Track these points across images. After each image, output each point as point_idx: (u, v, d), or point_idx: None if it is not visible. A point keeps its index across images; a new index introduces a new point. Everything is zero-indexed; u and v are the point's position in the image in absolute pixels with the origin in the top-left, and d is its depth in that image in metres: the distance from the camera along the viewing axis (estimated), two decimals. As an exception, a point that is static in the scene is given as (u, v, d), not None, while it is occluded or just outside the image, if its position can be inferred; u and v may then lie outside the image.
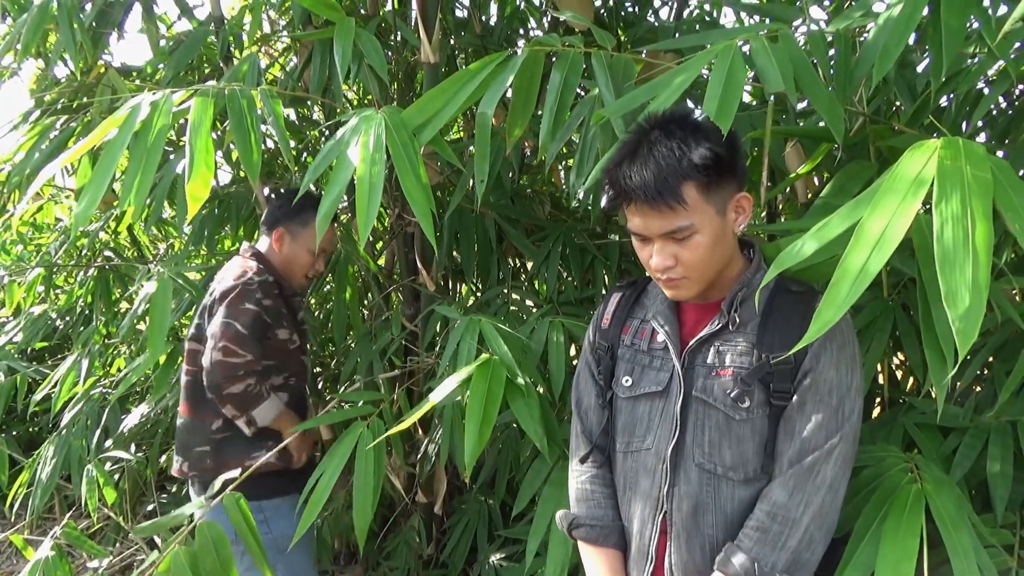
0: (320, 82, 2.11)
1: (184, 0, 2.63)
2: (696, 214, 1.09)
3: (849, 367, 1.10)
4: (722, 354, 1.16)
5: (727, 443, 1.14)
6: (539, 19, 2.84)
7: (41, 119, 2.57)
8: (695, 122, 1.12)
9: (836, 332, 1.10)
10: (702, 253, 1.12)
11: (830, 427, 1.08)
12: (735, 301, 1.16)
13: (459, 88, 1.36)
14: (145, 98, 1.46)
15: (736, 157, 1.13)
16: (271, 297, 1.96)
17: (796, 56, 1.23)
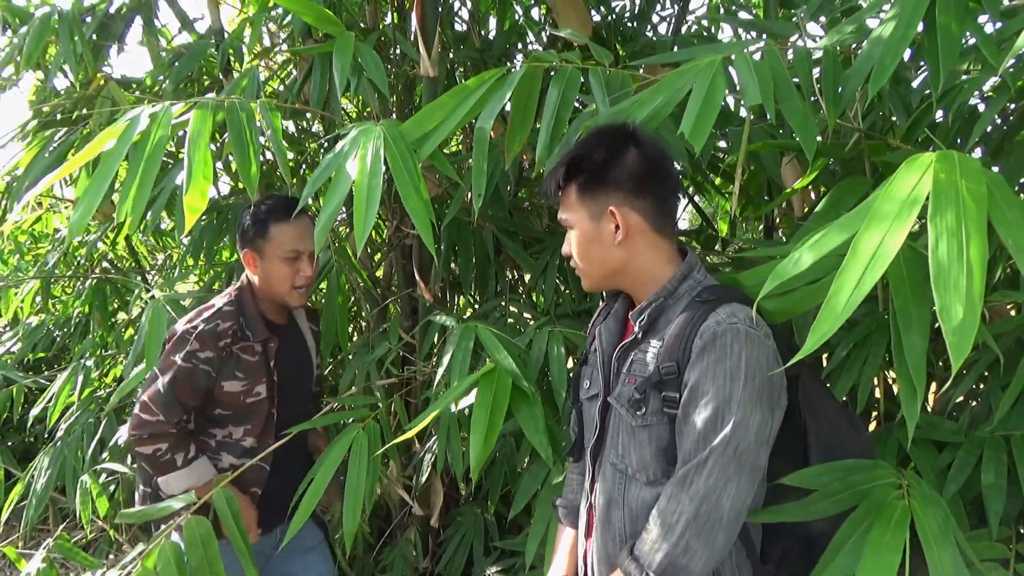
0: (320, 96, 2.12)
1: (184, 13, 2.65)
2: (571, 212, 1.23)
3: (728, 378, 1.07)
4: (634, 364, 1.21)
5: (633, 446, 1.20)
6: (537, 33, 2.87)
7: (40, 131, 2.58)
8: (628, 130, 1.20)
9: (716, 344, 1.09)
10: (577, 250, 1.24)
11: (705, 439, 1.08)
12: (645, 311, 1.21)
13: (458, 103, 1.37)
14: (144, 110, 1.47)
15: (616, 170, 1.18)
16: (214, 348, 1.75)
17: (778, 72, 1.26)
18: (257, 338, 1.81)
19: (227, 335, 1.77)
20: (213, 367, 1.77)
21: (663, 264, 1.23)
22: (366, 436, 1.63)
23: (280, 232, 1.78)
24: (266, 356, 1.83)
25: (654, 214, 1.20)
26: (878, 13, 1.41)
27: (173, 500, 1.54)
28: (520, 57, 2.83)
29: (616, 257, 1.22)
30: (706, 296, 1.16)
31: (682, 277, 1.21)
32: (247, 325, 1.81)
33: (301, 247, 1.80)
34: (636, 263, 1.22)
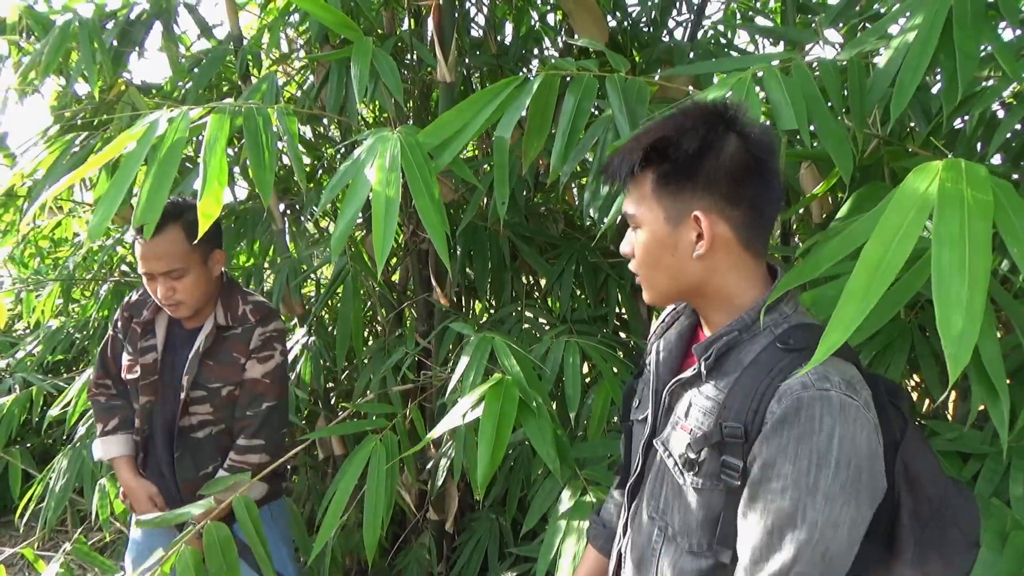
0: (337, 101, 2.13)
1: (204, 19, 2.67)
2: (642, 207, 0.98)
3: (814, 463, 0.84)
4: (692, 408, 0.99)
5: (678, 506, 1.00)
6: (554, 39, 2.87)
7: (61, 136, 2.61)
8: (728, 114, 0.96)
9: (799, 415, 0.86)
10: (643, 254, 1.00)
11: (779, 540, 0.86)
12: (713, 346, 0.98)
13: (476, 111, 1.37)
14: (163, 114, 1.49)
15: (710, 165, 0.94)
16: (122, 317, 1.93)
17: (808, 90, 1.22)
18: (144, 318, 1.88)
19: (127, 307, 1.93)
20: (122, 335, 1.92)
21: (747, 287, 0.99)
22: (384, 448, 1.62)
23: (137, 251, 1.75)
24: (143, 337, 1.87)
25: (747, 226, 0.96)
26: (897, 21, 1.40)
27: (192, 506, 1.54)
28: (536, 63, 2.84)
29: (691, 272, 0.98)
30: (793, 341, 0.93)
31: (766, 309, 0.96)
32: (151, 304, 1.86)
33: (145, 268, 1.74)
34: (714, 283, 0.98)
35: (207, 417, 1.87)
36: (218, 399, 1.86)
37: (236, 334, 1.86)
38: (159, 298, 1.74)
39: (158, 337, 1.88)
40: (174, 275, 1.73)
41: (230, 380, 1.86)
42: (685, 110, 0.98)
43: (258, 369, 1.88)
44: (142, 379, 1.86)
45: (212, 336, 1.84)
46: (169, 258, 1.70)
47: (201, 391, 1.85)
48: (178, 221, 1.70)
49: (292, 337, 2.69)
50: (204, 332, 1.84)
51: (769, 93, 1.22)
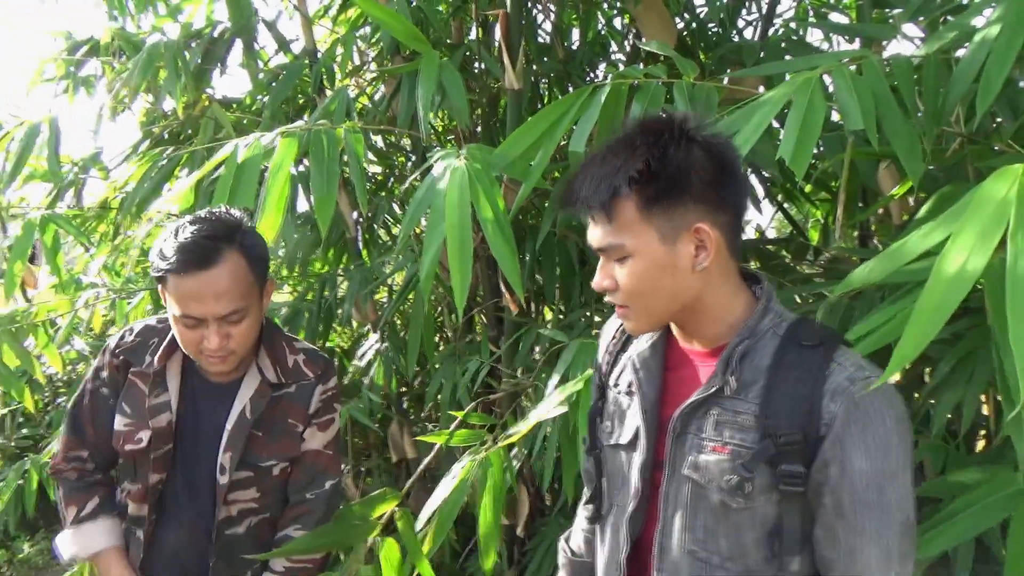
0: (408, 113, 2.18)
1: (282, 35, 2.77)
2: (629, 234, 0.95)
3: (881, 448, 0.90)
4: (720, 425, 0.97)
5: (723, 530, 0.97)
6: (621, 42, 2.86)
7: (150, 150, 2.75)
8: (682, 129, 0.96)
9: (859, 408, 0.90)
10: (637, 283, 0.97)
11: (881, 530, 0.91)
12: (732, 358, 0.96)
13: (548, 124, 1.38)
14: (241, 142, 1.57)
15: (695, 176, 0.94)
16: (111, 365, 1.43)
17: (879, 89, 1.18)
18: (151, 366, 1.39)
19: (126, 350, 1.41)
20: (112, 390, 1.43)
21: (735, 293, 1.01)
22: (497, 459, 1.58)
23: (177, 288, 1.27)
24: (153, 394, 1.39)
25: (733, 230, 0.99)
26: (981, 13, 1.35)
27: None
28: (603, 66, 2.83)
29: (691, 287, 0.97)
30: (803, 337, 0.96)
31: (763, 311, 0.99)
32: (155, 348, 1.40)
33: (200, 312, 1.27)
34: (710, 294, 0.99)
35: (250, 505, 1.43)
36: (268, 480, 1.43)
37: (290, 394, 1.43)
38: (209, 350, 1.29)
39: (171, 391, 1.40)
40: (234, 318, 1.28)
41: (285, 455, 1.44)
42: (640, 128, 0.98)
43: (319, 438, 1.46)
44: (153, 449, 1.38)
45: (262, 397, 1.41)
46: (231, 296, 1.26)
47: (247, 471, 1.40)
48: (234, 245, 1.28)
49: (365, 343, 2.76)
50: (249, 391, 1.40)
51: (837, 92, 1.19)
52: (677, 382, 1.05)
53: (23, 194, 3.13)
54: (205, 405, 1.42)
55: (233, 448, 1.39)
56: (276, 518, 1.47)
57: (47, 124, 2.43)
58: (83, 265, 3.50)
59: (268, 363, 1.42)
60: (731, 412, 0.96)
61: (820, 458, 0.91)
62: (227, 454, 1.39)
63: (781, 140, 1.19)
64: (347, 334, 3.40)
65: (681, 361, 1.06)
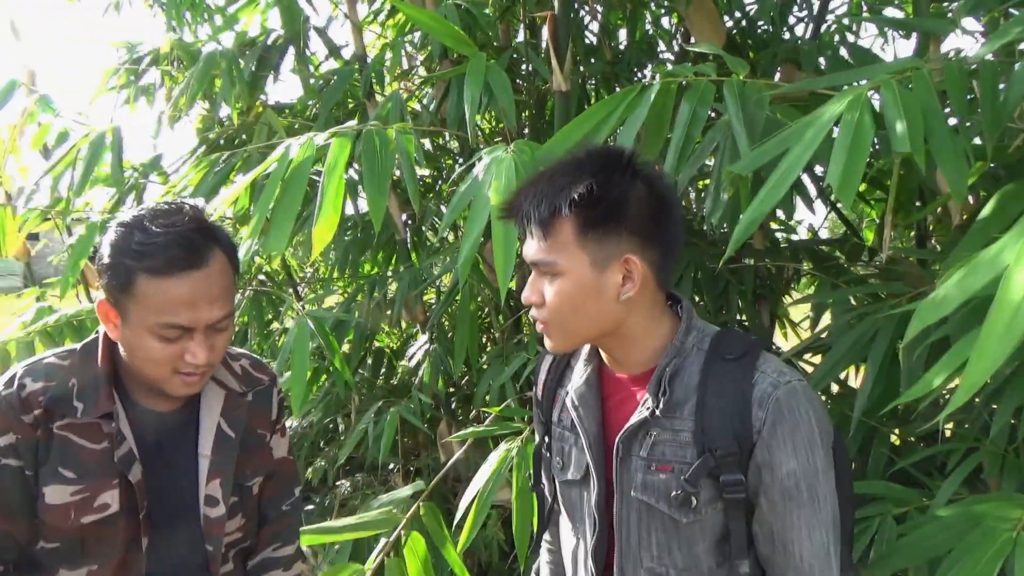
0: (456, 116, 2.20)
1: (332, 41, 2.83)
2: (563, 254, 0.97)
3: (807, 448, 0.96)
4: (659, 445, 1.01)
5: (676, 544, 1.02)
6: (668, 42, 2.84)
7: (206, 156, 2.84)
8: (629, 162, 0.99)
9: (783, 413, 0.96)
10: (561, 302, 0.99)
11: (813, 524, 0.97)
12: (663, 380, 1.00)
13: (595, 123, 1.38)
14: (295, 142, 1.61)
15: (634, 209, 0.97)
16: (19, 427, 1.06)
17: (928, 105, 1.15)
18: (90, 412, 1.09)
19: (38, 404, 1.07)
20: (25, 460, 1.07)
21: (658, 319, 1.05)
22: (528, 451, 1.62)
23: (160, 292, 1.03)
24: (112, 445, 1.10)
25: (661, 266, 1.02)
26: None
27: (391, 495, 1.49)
28: (651, 66, 2.82)
29: (614, 314, 1.00)
30: (723, 350, 1.01)
31: (686, 329, 1.04)
32: (79, 390, 1.10)
33: (190, 319, 1.05)
34: (631, 322, 1.02)
35: (236, 535, 1.24)
36: (250, 502, 1.26)
37: (249, 402, 1.24)
38: (194, 366, 1.07)
39: (128, 436, 1.12)
40: (222, 325, 1.09)
41: (264, 468, 1.28)
42: (589, 154, 1.01)
43: (283, 444, 1.33)
44: (124, 514, 1.11)
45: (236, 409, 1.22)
46: (224, 299, 1.09)
47: (235, 496, 1.22)
48: (217, 240, 1.09)
49: (414, 343, 2.79)
50: (216, 407, 1.20)
51: (884, 110, 1.15)
52: (615, 408, 1.08)
53: (87, 199, 3.25)
54: (164, 441, 1.17)
55: (222, 473, 1.18)
56: (252, 546, 1.29)
57: (110, 132, 2.52)
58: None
59: (224, 372, 1.22)
60: (669, 431, 1.00)
61: (753, 463, 0.97)
62: (214, 482, 1.17)
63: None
64: (396, 335, 3.44)
65: (616, 388, 1.09)
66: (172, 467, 1.17)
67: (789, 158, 1.17)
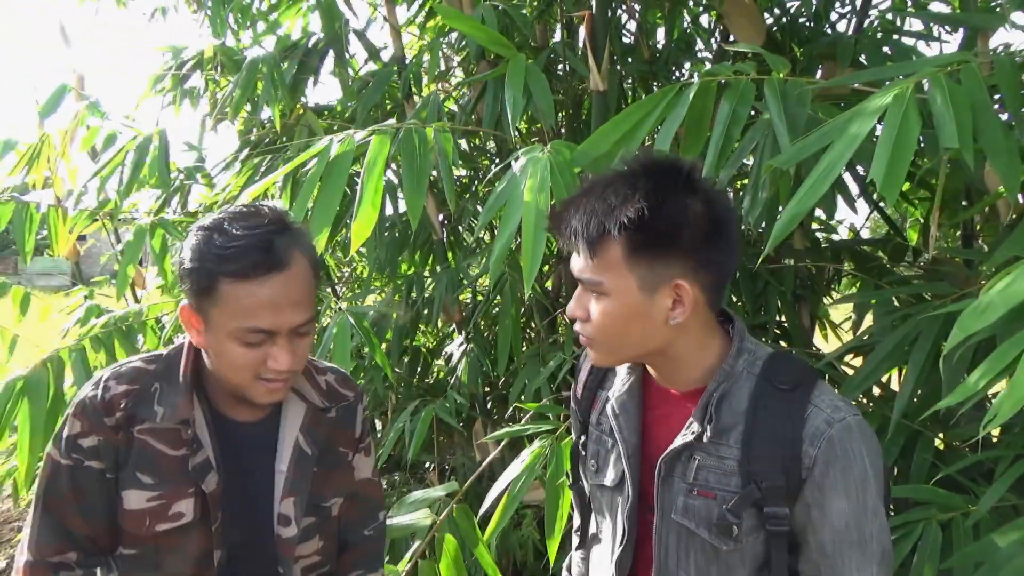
0: (493, 116, 2.21)
1: (372, 44, 2.86)
2: (610, 275, 0.95)
3: (859, 487, 0.93)
4: (703, 470, 0.98)
5: (715, 570, 1.00)
6: (707, 40, 2.81)
7: (249, 158, 2.89)
8: (687, 178, 0.95)
9: (836, 451, 0.93)
10: (607, 322, 0.96)
11: (863, 566, 0.93)
12: (710, 405, 0.97)
13: (634, 123, 1.37)
14: (334, 138, 1.63)
15: (687, 232, 0.93)
16: (102, 429, 1.07)
17: (978, 98, 1.11)
18: (170, 417, 1.08)
19: (120, 407, 1.07)
20: (107, 462, 1.07)
21: (708, 340, 1.01)
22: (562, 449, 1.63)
23: (244, 295, 1.02)
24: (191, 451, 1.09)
25: (714, 288, 0.98)
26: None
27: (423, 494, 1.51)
28: (689, 65, 2.79)
29: (661, 338, 0.98)
30: (776, 377, 0.97)
31: (737, 352, 1.00)
32: (161, 395, 1.09)
33: (273, 323, 1.03)
34: (681, 344, 0.99)
35: (314, 559, 1.20)
36: (329, 525, 1.21)
37: (334, 419, 1.21)
38: (277, 371, 1.05)
39: (205, 444, 1.11)
40: (304, 330, 1.07)
41: (344, 490, 1.24)
42: (644, 168, 0.96)
43: (367, 464, 1.28)
44: (202, 523, 1.09)
45: (317, 425, 1.18)
46: (307, 303, 1.07)
47: (311, 516, 1.17)
48: (299, 243, 1.07)
49: (451, 343, 2.81)
50: (296, 421, 1.16)
51: (932, 106, 1.12)
52: (657, 421, 1.05)
53: (133, 200, 3.34)
54: (243, 452, 1.15)
55: (297, 491, 1.14)
56: (332, 572, 1.24)
57: (157, 136, 2.58)
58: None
59: (307, 386, 1.19)
60: (714, 457, 0.98)
61: (802, 500, 0.94)
62: (288, 500, 1.14)
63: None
64: (432, 334, 3.46)
65: (659, 400, 1.06)
66: (249, 481, 1.14)
67: (831, 154, 1.15)
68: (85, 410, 1.08)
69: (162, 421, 1.08)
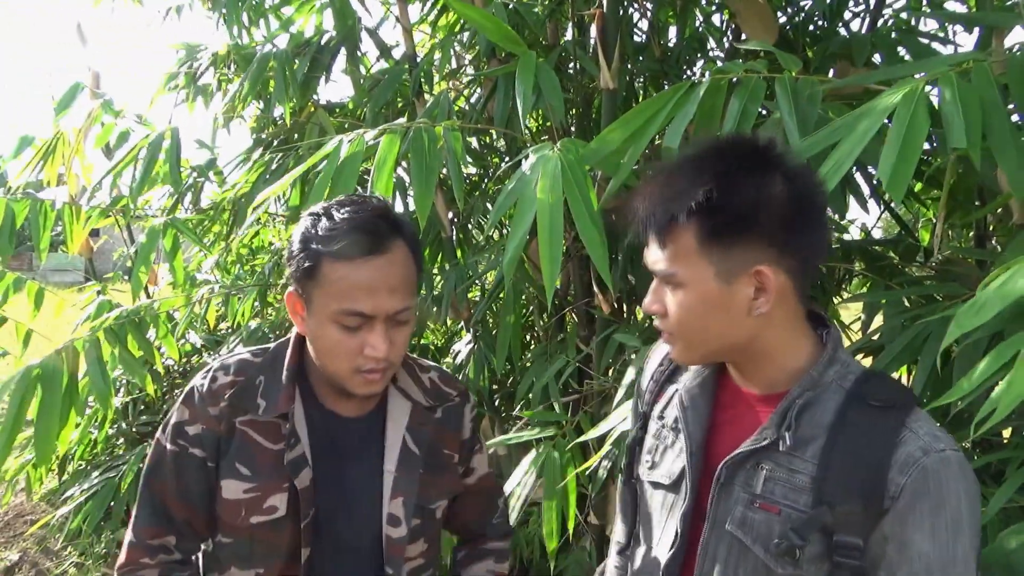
0: (504, 114, 2.21)
1: (383, 42, 2.87)
2: (683, 265, 0.88)
3: (950, 532, 0.81)
4: (772, 482, 0.89)
5: None
6: (719, 39, 2.80)
7: (261, 155, 2.90)
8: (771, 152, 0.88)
9: (929, 484, 0.81)
10: (685, 315, 0.90)
11: None
12: (791, 412, 0.88)
13: (643, 121, 1.37)
14: (345, 138, 1.64)
15: (766, 213, 0.85)
16: (206, 418, 1.09)
17: (988, 99, 1.10)
18: (270, 411, 1.10)
19: (225, 397, 1.10)
20: (208, 451, 1.10)
21: (798, 339, 0.93)
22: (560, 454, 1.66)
23: (342, 277, 1.03)
24: (287, 445, 1.09)
25: (802, 275, 0.91)
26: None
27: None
28: (701, 64, 2.79)
29: (745, 330, 0.90)
30: (872, 395, 0.88)
31: (829, 361, 0.91)
32: (265, 388, 1.11)
33: (371, 307, 1.03)
34: (766, 339, 0.91)
35: (418, 561, 1.18)
36: (433, 527, 1.20)
37: (439, 419, 1.21)
38: (374, 358, 1.05)
39: (303, 440, 1.11)
40: (402, 317, 1.07)
41: (450, 492, 1.23)
42: (719, 150, 0.90)
43: (483, 462, 1.31)
44: (293, 518, 1.09)
45: (422, 424, 1.18)
46: (405, 290, 1.06)
47: (417, 518, 1.15)
48: (400, 231, 1.08)
49: (459, 341, 2.81)
50: (402, 419, 1.16)
51: (942, 105, 1.11)
52: (727, 424, 0.98)
53: (146, 197, 3.36)
54: (345, 448, 1.14)
55: (406, 492, 1.13)
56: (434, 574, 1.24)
57: (169, 134, 2.60)
58: (198, 263, 3.72)
59: (411, 384, 1.18)
60: (785, 469, 0.89)
61: (879, 532, 0.84)
62: (397, 500, 1.13)
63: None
64: (441, 332, 3.47)
65: (733, 400, 0.99)
66: (352, 477, 1.14)
67: (839, 151, 1.14)
68: (193, 398, 1.11)
69: (263, 414, 1.10)
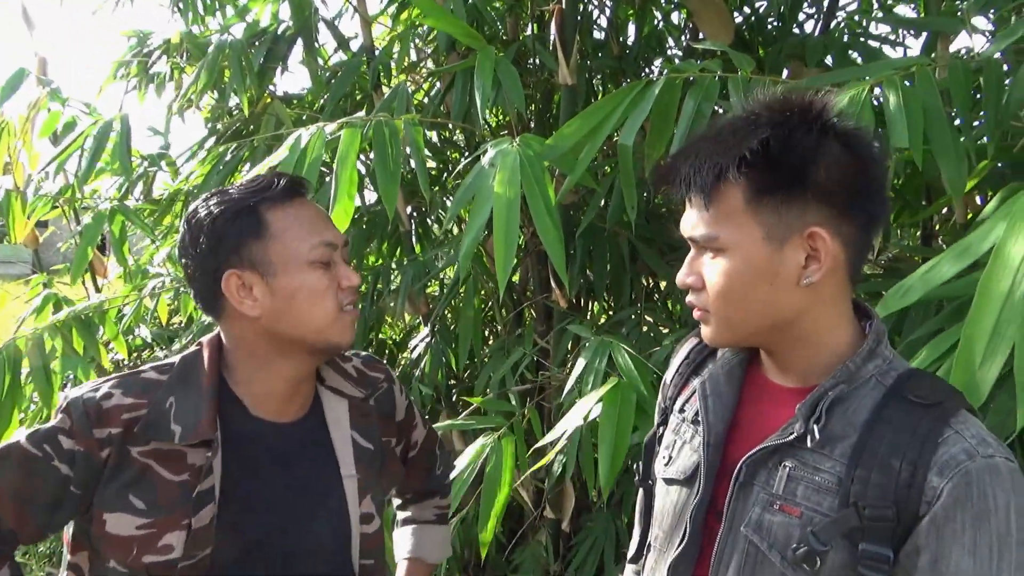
0: (461, 108, 2.20)
1: (341, 34, 2.83)
2: (729, 226, 0.80)
3: (993, 549, 0.71)
4: (794, 481, 0.80)
5: None
6: (678, 38, 2.83)
7: (215, 146, 2.85)
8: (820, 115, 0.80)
9: (972, 491, 0.72)
10: (726, 284, 0.81)
11: None
12: (821, 403, 0.79)
13: (600, 118, 1.38)
14: (304, 131, 1.62)
15: (823, 171, 0.77)
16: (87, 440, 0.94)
17: (929, 102, 1.13)
18: (190, 437, 0.96)
19: (119, 422, 0.95)
20: (77, 474, 0.94)
21: (841, 324, 0.84)
22: (503, 447, 1.68)
23: (292, 218, 0.98)
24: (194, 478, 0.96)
25: (858, 247, 0.82)
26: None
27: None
28: (659, 62, 2.81)
29: (792, 303, 0.81)
30: (916, 392, 0.78)
31: (869, 353, 0.81)
32: (178, 412, 0.97)
33: (331, 235, 1.01)
34: (809, 317, 0.82)
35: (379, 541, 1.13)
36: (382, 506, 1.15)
37: (374, 408, 1.14)
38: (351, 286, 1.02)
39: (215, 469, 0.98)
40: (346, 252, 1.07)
41: (394, 480, 1.22)
42: (767, 106, 0.82)
43: (421, 428, 1.26)
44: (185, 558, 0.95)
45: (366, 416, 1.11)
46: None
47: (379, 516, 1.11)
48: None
49: (417, 336, 2.80)
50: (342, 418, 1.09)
51: (885, 106, 1.14)
52: (752, 419, 0.89)
53: (95, 187, 3.27)
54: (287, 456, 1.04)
55: (373, 488, 1.08)
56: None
57: (119, 121, 2.53)
58: (149, 256, 3.64)
59: (339, 379, 1.10)
60: (810, 468, 0.80)
61: (911, 542, 0.74)
62: (367, 499, 1.07)
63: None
64: (398, 327, 3.45)
65: (761, 394, 0.90)
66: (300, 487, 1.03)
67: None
68: (75, 411, 0.95)
69: (180, 442, 0.95)
